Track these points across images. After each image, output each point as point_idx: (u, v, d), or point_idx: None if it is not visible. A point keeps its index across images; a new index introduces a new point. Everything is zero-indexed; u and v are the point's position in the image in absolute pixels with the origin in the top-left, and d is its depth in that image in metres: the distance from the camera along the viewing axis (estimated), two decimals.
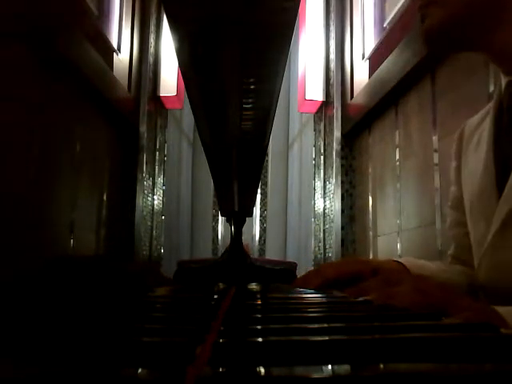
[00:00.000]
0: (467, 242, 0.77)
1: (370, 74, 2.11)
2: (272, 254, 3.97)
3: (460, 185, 0.80)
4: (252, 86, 0.41)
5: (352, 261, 0.87)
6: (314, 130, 2.88)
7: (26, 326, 0.30)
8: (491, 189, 0.68)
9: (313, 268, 0.78)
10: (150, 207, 2.58)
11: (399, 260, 0.78)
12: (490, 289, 0.67)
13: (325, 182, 2.67)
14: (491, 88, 1.26)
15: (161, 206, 2.78)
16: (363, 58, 2.27)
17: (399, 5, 1.89)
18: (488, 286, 0.68)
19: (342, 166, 2.43)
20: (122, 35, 2.19)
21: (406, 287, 0.45)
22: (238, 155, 0.59)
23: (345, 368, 0.21)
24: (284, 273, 0.98)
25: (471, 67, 1.36)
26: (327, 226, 2.59)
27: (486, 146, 0.71)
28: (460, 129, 0.83)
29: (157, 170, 2.71)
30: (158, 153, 2.72)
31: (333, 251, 2.41)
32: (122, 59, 2.19)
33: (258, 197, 4.08)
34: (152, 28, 2.61)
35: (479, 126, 0.77)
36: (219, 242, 4.01)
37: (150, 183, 2.60)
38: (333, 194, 2.45)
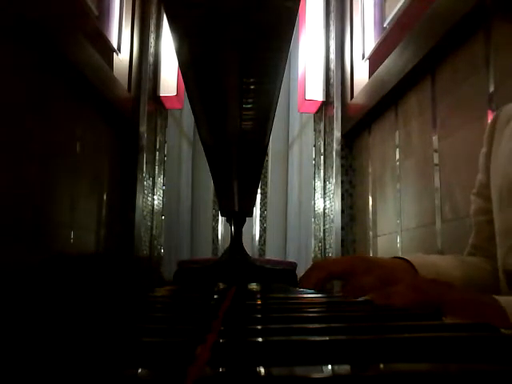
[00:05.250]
0: (488, 230, 0.74)
1: (370, 74, 2.11)
2: (272, 254, 3.97)
3: (488, 172, 0.75)
4: (252, 86, 0.41)
5: (353, 257, 0.84)
6: (314, 130, 2.88)
7: (26, 325, 0.30)
8: None
9: (311, 267, 0.74)
10: (150, 207, 2.58)
11: (407, 258, 0.72)
12: None
13: (325, 182, 2.67)
14: (491, 88, 1.26)
15: (161, 206, 2.78)
16: (363, 58, 2.27)
17: (399, 5, 1.89)
18: None
19: (342, 165, 2.43)
20: (122, 35, 2.19)
21: (403, 286, 0.45)
22: (238, 155, 0.59)
23: (345, 368, 0.21)
24: (284, 273, 0.98)
25: (471, 67, 1.36)
26: (327, 226, 2.59)
27: None
28: (495, 114, 0.77)
29: (157, 169, 2.71)
30: (158, 153, 2.72)
31: (333, 251, 2.41)
32: (122, 59, 2.19)
33: (258, 197, 4.08)
34: (152, 28, 2.60)
35: None
36: (219, 242, 4.01)
37: (150, 183, 2.60)
38: (333, 194, 2.45)
